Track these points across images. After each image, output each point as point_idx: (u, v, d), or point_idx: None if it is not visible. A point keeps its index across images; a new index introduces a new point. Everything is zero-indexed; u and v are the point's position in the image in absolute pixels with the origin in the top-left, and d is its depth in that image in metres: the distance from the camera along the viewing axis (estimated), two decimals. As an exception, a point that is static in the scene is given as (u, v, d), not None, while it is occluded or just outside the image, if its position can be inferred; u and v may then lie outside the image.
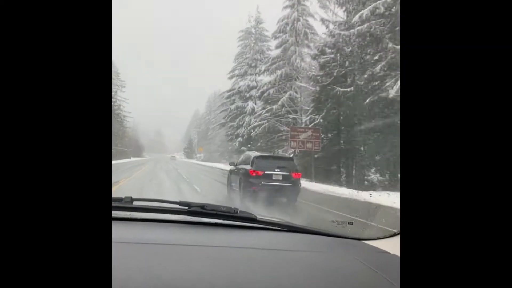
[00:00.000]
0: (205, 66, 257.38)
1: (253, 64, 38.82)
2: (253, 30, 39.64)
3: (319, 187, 15.38)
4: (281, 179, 9.22)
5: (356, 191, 12.85)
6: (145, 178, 17.26)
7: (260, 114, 31.04)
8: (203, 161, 71.35)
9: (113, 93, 54.16)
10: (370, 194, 10.99)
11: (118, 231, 1.02)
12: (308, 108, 26.51)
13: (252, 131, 32.65)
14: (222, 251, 1.11)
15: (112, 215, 1.23)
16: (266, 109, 28.89)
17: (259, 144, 31.55)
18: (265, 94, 29.16)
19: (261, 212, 1.62)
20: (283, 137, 28.57)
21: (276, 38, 29.67)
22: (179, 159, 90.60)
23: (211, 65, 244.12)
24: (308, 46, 28.00)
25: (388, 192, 12.07)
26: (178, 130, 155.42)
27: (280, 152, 24.56)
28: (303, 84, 26.59)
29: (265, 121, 28.65)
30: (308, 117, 25.46)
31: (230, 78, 41.63)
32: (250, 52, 39.48)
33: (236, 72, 40.88)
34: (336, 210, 9.05)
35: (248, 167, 9.51)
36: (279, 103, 27.13)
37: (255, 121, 32.43)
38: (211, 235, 1.34)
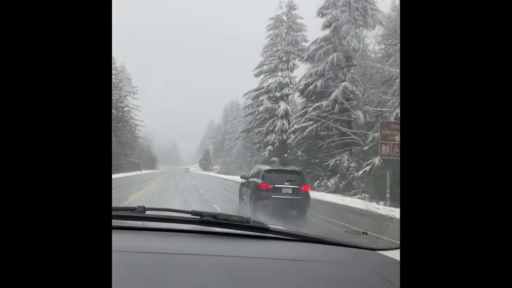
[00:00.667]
0: (219, 74, 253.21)
1: (284, 58, 32.32)
2: (284, 18, 33.27)
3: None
4: (290, 192, 9.35)
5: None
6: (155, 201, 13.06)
7: (301, 115, 24.21)
8: (220, 174, 64.57)
9: (123, 99, 48.84)
10: None
11: (131, 241, 1.07)
12: (373, 103, 19.58)
13: (290, 136, 25.81)
14: (235, 261, 1.11)
15: (125, 225, 1.37)
16: (313, 106, 22.09)
17: (299, 153, 24.67)
18: (311, 87, 22.38)
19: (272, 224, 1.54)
20: (334, 144, 21.64)
21: (322, 15, 23.08)
22: (194, 171, 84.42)
23: (226, 72, 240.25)
24: (368, 23, 21.28)
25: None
26: (192, 142, 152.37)
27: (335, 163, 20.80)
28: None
29: (311, 122, 21.81)
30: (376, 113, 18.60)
31: (257, 75, 35.08)
32: (281, 44, 32.99)
33: (265, 67, 34.34)
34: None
35: (258, 180, 9.66)
36: (331, 97, 20.36)
37: (294, 124, 25.63)
38: (224, 245, 1.33)
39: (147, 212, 1.45)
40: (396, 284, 0.97)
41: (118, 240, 1.02)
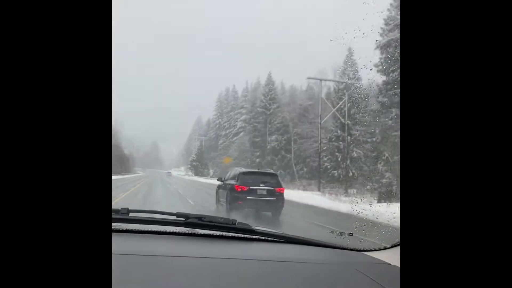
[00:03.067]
0: (208, 64, 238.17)
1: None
2: None
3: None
4: (265, 193, 9.57)
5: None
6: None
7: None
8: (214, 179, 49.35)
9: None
10: None
11: (115, 243, 1.06)
12: None
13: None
14: (221, 263, 1.11)
15: None
16: None
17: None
18: None
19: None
20: None
21: None
22: (181, 175, 68.58)
23: (216, 61, 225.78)
24: None
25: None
26: (176, 144, 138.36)
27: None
28: None
29: None
30: None
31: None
32: None
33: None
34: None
35: (234, 182, 9.81)
36: None
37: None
38: (209, 246, 1.32)
39: (131, 214, 1.43)
40: (380, 283, 1.00)
41: None
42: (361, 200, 11.86)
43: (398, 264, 1.00)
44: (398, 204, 0.85)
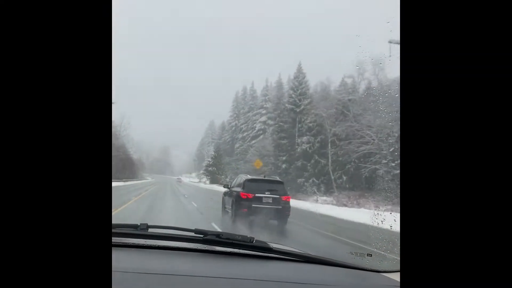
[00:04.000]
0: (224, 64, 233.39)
1: None
2: None
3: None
4: (271, 201, 9.46)
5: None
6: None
7: None
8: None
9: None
10: None
11: (134, 260, 1.08)
12: None
13: None
14: (238, 283, 1.10)
15: (127, 242, 1.36)
16: None
17: None
18: None
19: (254, 233, 1.60)
20: None
21: None
22: (198, 184, 61.79)
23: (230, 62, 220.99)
24: None
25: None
26: (186, 150, 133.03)
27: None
28: None
29: None
30: None
31: None
32: None
33: None
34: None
35: (239, 189, 9.81)
36: None
37: None
38: (227, 265, 1.33)
39: (150, 230, 1.45)
40: None
41: (120, 259, 1.07)
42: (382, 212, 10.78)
43: None
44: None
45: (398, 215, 0.88)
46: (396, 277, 1.28)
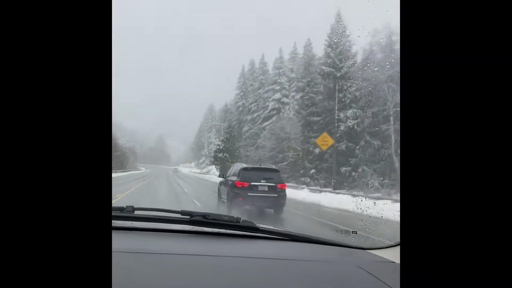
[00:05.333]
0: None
1: None
2: None
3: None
4: (267, 190, 9.35)
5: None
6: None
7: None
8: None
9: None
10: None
11: (119, 241, 1.07)
12: None
13: None
14: (225, 261, 1.11)
15: (113, 225, 1.28)
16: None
17: None
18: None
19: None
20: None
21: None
22: (205, 176, 52.13)
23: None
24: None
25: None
26: (183, 140, 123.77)
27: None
28: None
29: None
30: None
31: None
32: None
33: None
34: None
35: (235, 178, 9.64)
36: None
37: None
38: (214, 244, 1.33)
39: (136, 212, 1.44)
40: (385, 281, 1.00)
41: None
42: (365, 198, 11.43)
43: None
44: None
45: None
46: (381, 253, 1.32)
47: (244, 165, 10.33)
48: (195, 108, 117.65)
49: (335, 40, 26.89)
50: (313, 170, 28.06)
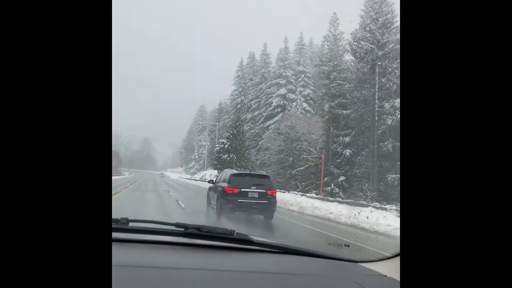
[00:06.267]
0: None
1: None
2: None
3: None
4: (257, 196, 9.14)
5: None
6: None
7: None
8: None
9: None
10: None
11: (114, 253, 1.09)
12: None
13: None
14: (220, 275, 1.11)
15: None
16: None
17: None
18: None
19: (239, 229, 1.51)
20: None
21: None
22: (196, 181, 45.82)
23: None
24: None
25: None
26: (169, 145, 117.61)
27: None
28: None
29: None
30: None
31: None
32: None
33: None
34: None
35: (225, 184, 9.46)
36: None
37: None
38: (208, 257, 1.32)
39: (131, 224, 1.43)
40: None
41: None
42: (358, 213, 10.51)
43: (394, 276, 1.15)
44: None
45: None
46: (373, 266, 1.34)
47: (235, 171, 10.27)
48: (184, 109, 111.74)
49: (375, 9, 20.99)
50: (342, 177, 22.09)
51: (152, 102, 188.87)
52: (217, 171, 33.22)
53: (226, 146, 35.16)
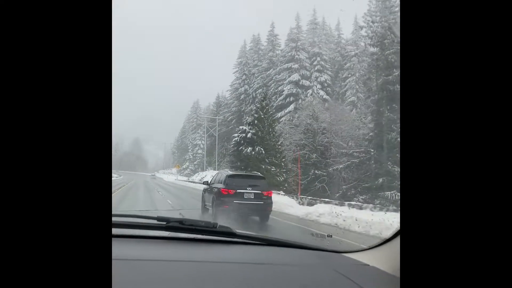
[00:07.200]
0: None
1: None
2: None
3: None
4: (252, 197, 9.20)
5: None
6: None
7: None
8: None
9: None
10: None
11: None
12: None
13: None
14: (202, 266, 1.12)
15: None
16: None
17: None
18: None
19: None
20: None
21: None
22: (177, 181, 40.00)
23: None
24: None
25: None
26: (160, 146, 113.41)
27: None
28: None
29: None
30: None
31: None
32: None
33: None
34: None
35: (220, 185, 9.49)
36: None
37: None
38: (190, 250, 1.33)
39: (113, 219, 1.39)
40: (359, 284, 1.03)
41: None
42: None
43: (376, 265, 1.19)
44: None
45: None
46: (356, 256, 1.35)
47: (230, 172, 10.42)
48: (177, 107, 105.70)
49: None
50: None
51: (143, 101, 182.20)
52: (216, 171, 26.52)
53: (249, 135, 22.76)
